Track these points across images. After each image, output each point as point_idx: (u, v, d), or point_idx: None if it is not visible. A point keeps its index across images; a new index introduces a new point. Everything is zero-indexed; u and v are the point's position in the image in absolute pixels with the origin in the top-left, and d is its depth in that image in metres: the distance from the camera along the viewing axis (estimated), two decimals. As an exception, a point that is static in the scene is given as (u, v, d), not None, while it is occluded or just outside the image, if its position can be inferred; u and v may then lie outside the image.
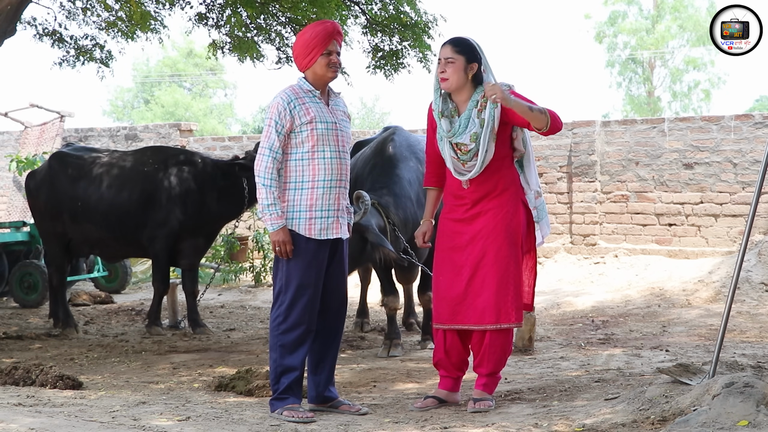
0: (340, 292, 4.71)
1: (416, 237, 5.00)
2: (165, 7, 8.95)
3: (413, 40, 8.58)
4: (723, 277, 9.28)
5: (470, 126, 4.64)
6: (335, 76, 4.62)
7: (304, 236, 4.50)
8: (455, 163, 4.69)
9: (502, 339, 4.73)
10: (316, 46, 4.52)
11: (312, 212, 4.50)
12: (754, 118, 10.84)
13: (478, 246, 4.68)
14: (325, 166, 4.51)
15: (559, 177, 11.83)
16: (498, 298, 4.64)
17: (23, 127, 15.19)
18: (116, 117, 47.15)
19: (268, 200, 4.47)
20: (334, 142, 4.55)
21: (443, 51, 4.66)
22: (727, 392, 3.77)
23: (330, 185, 4.53)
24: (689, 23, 35.88)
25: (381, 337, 7.42)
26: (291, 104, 4.50)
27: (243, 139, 14.07)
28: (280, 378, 4.55)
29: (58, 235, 8.23)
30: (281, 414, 4.48)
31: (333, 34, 4.56)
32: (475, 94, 4.67)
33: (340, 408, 4.67)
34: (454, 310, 4.72)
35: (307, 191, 4.51)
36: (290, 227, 4.50)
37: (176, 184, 7.90)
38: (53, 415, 4.43)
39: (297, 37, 4.64)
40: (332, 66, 4.56)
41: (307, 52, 4.54)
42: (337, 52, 4.58)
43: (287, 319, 4.51)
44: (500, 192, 4.70)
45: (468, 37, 4.73)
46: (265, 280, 11.51)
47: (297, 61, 4.61)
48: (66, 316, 8.19)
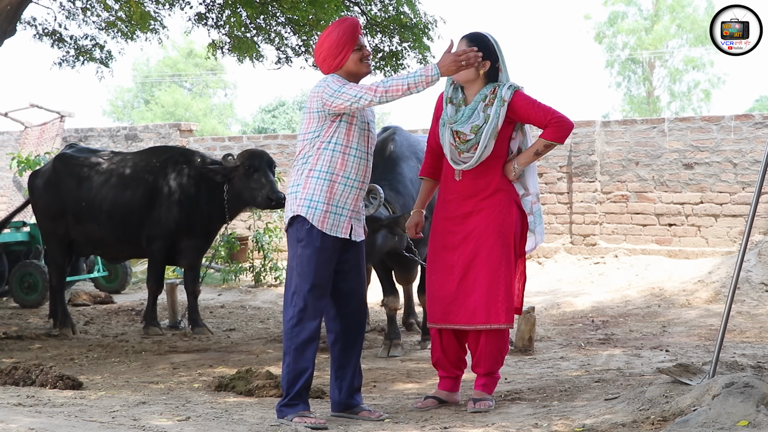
0: (357, 296, 4.60)
1: (407, 229, 4.99)
2: (165, 7, 8.96)
3: (413, 41, 8.58)
4: (723, 277, 9.28)
5: (474, 117, 4.64)
6: (370, 71, 4.54)
7: (317, 228, 4.39)
8: (452, 151, 4.70)
9: (497, 339, 4.72)
10: (347, 43, 4.42)
11: (328, 206, 4.40)
12: (754, 118, 10.84)
13: (470, 246, 4.68)
14: (352, 163, 4.44)
15: (559, 177, 11.83)
16: (488, 299, 4.64)
17: (23, 127, 15.19)
18: (116, 117, 47.18)
19: (406, 79, 4.25)
20: (364, 143, 4.49)
21: (459, 44, 4.64)
22: (727, 392, 3.77)
23: (352, 184, 4.46)
24: (687, 23, 35.92)
25: (381, 337, 7.42)
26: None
27: (243, 139, 14.07)
28: (296, 381, 4.41)
29: (60, 236, 8.23)
30: (291, 420, 4.35)
31: (358, 28, 4.48)
32: (484, 88, 4.68)
33: (360, 414, 4.56)
34: (446, 309, 4.73)
35: (328, 183, 4.40)
36: (305, 215, 4.39)
37: (177, 185, 7.90)
38: (53, 415, 4.43)
39: (321, 40, 4.51)
40: (365, 60, 4.48)
41: (338, 52, 4.43)
42: (366, 46, 4.51)
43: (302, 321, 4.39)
44: (493, 192, 4.69)
45: (486, 33, 4.72)
46: (265, 280, 11.51)
47: (326, 63, 4.47)
48: (64, 316, 8.19)
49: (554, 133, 4.65)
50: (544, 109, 4.65)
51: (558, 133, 4.65)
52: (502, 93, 4.64)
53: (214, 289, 11.20)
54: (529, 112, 4.66)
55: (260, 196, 7.60)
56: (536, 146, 4.71)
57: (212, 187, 7.83)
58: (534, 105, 4.66)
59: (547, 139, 4.67)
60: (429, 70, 4.27)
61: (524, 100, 4.66)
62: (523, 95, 4.67)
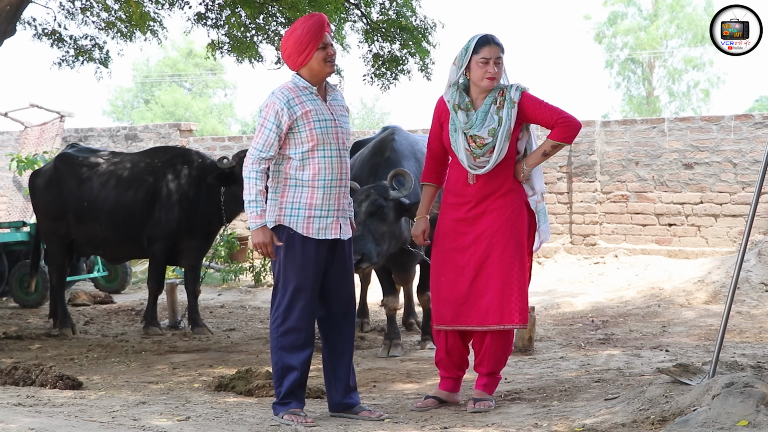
0: (345, 295, 4.59)
1: (415, 236, 4.96)
2: (164, 8, 8.96)
3: (413, 45, 8.56)
4: (723, 278, 9.27)
5: (489, 121, 4.63)
6: (333, 71, 4.52)
7: (302, 235, 4.41)
8: (468, 156, 4.66)
9: (502, 339, 4.72)
10: (311, 41, 4.38)
11: (311, 211, 4.41)
12: (754, 118, 10.84)
13: (482, 246, 4.65)
14: (325, 165, 4.42)
15: (559, 177, 11.83)
16: (502, 299, 4.62)
17: (23, 127, 15.19)
18: (116, 117, 47.17)
19: (250, 196, 4.38)
20: (334, 140, 4.46)
21: (492, 50, 4.60)
22: (727, 392, 3.77)
23: (331, 185, 4.44)
24: (685, 23, 35.92)
25: (381, 337, 7.42)
26: (289, 103, 4.38)
27: (243, 139, 14.06)
28: (282, 380, 4.46)
29: (61, 236, 8.23)
30: (282, 418, 4.40)
31: (324, 26, 4.44)
32: (492, 91, 4.67)
33: (361, 414, 4.56)
34: (456, 311, 4.70)
35: (308, 190, 4.41)
36: (288, 224, 4.40)
37: (178, 186, 7.91)
38: (53, 415, 4.43)
39: (286, 36, 4.49)
40: (329, 60, 4.44)
41: (302, 49, 4.40)
42: (331, 44, 4.48)
43: (285, 321, 4.43)
44: (505, 192, 4.68)
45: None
46: (265, 280, 11.50)
47: (290, 60, 4.46)
48: (64, 315, 8.19)
49: (562, 133, 4.64)
50: (551, 110, 4.65)
51: (566, 133, 4.65)
52: (511, 95, 4.63)
53: (214, 289, 11.20)
54: (536, 113, 4.65)
55: None
56: (544, 147, 4.71)
57: (212, 188, 7.84)
58: (541, 105, 4.66)
59: (554, 140, 4.66)
60: (249, 218, 4.39)
61: (531, 100, 4.66)
62: (530, 96, 4.67)
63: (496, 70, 4.61)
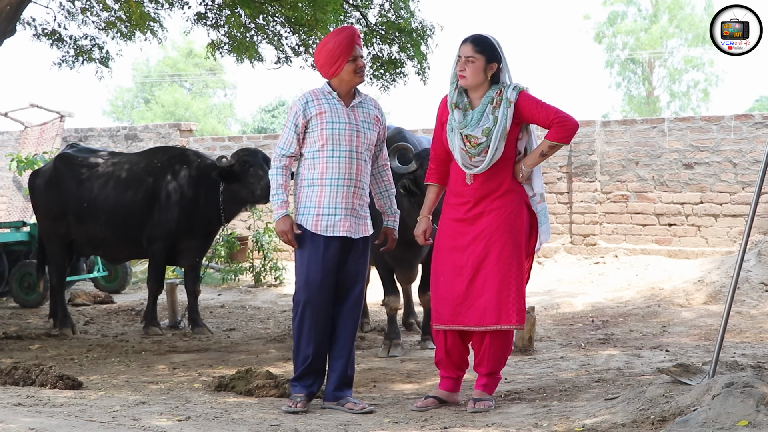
0: (354, 293, 4.80)
1: (416, 236, 4.97)
2: (164, 8, 8.95)
3: (411, 47, 8.55)
4: (722, 278, 9.27)
5: (483, 121, 4.64)
6: (363, 80, 4.80)
7: (311, 231, 4.67)
8: (463, 156, 4.68)
9: (501, 339, 4.72)
10: (342, 54, 4.68)
11: (319, 209, 4.68)
12: (754, 118, 10.84)
13: (480, 246, 4.66)
14: (333, 164, 4.67)
15: (559, 177, 11.84)
16: (499, 299, 4.62)
17: (23, 127, 15.20)
18: (116, 117, 47.18)
19: (273, 189, 4.75)
20: (346, 142, 4.68)
21: (464, 49, 4.65)
22: (727, 392, 3.77)
23: (338, 183, 4.67)
24: (685, 23, 35.93)
25: (381, 337, 7.42)
26: (306, 104, 4.70)
27: (243, 139, 14.07)
28: (295, 362, 4.79)
29: (61, 236, 8.23)
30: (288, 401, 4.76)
31: (354, 39, 4.71)
32: (489, 91, 4.67)
33: (345, 406, 4.73)
34: (454, 310, 4.70)
35: (317, 188, 4.68)
36: (299, 222, 4.71)
37: (178, 186, 7.91)
38: (53, 415, 4.43)
39: (318, 48, 4.79)
40: (359, 71, 4.73)
41: (333, 61, 4.69)
42: (361, 56, 4.74)
43: (299, 312, 4.71)
44: (504, 192, 4.68)
45: (489, 36, 4.72)
46: (265, 280, 11.51)
47: (323, 71, 4.76)
48: (64, 315, 8.19)
49: (558, 134, 4.64)
50: (548, 109, 4.65)
51: (562, 133, 4.64)
52: (507, 94, 4.63)
53: (214, 289, 11.20)
54: (533, 113, 4.65)
55: (259, 188, 7.46)
56: (541, 147, 4.71)
57: (211, 188, 7.84)
58: (538, 105, 4.65)
59: (551, 140, 4.66)
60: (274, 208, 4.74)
61: (528, 100, 4.65)
62: (527, 96, 4.66)
63: (465, 69, 4.63)
